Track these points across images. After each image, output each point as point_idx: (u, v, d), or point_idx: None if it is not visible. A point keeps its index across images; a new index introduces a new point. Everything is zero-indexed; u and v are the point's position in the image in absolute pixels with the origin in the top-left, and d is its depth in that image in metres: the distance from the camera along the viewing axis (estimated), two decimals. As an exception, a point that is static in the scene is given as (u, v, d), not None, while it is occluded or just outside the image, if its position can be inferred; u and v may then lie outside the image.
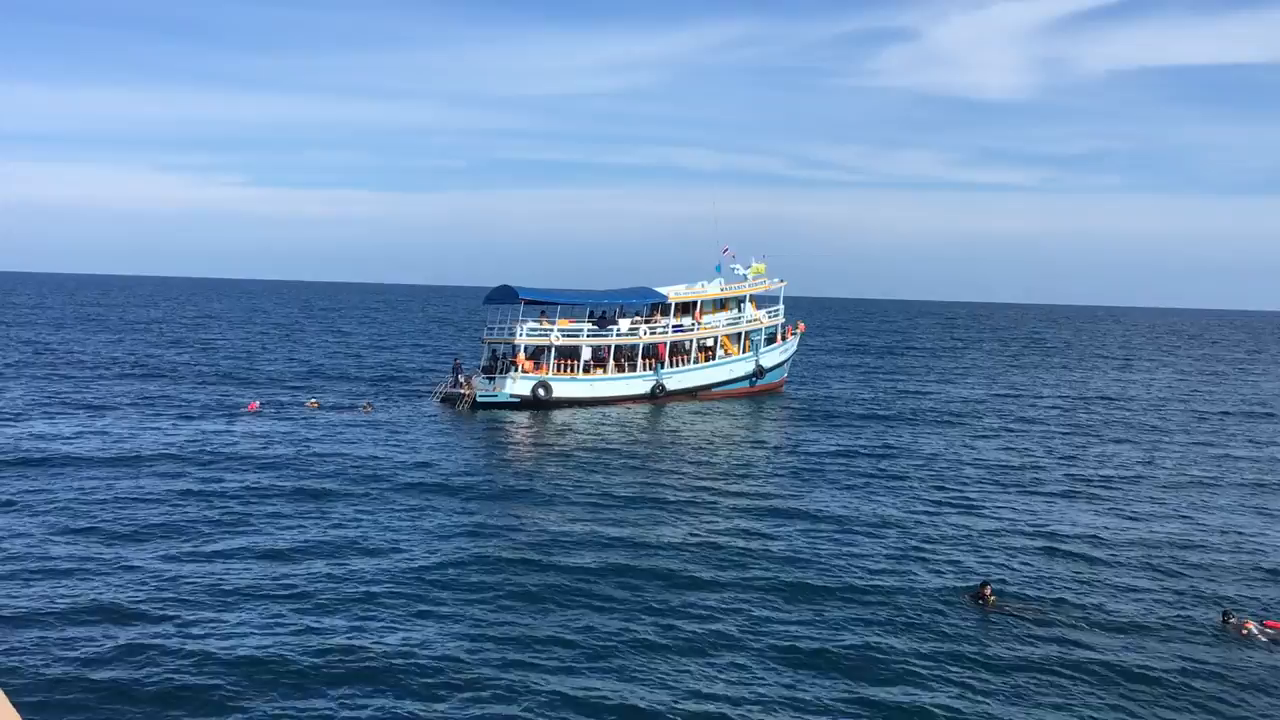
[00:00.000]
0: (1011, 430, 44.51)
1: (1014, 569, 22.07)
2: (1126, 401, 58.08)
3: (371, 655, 15.77)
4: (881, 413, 49.44)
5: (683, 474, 32.00)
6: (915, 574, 21.32)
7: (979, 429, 44.72)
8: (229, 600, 18.28)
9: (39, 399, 44.83)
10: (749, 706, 14.52)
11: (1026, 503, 29.17)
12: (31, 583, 19.03)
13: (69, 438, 34.94)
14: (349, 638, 16.52)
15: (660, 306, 52.97)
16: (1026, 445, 40.11)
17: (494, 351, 50.26)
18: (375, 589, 19.09)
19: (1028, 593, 20.33)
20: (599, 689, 14.89)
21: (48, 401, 44.15)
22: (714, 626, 17.54)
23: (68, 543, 21.75)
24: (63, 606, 17.69)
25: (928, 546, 23.60)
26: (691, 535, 23.93)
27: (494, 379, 48.23)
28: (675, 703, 14.50)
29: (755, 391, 54.91)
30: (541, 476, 30.89)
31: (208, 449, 33.50)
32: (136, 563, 20.45)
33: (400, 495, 27.55)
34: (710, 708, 14.35)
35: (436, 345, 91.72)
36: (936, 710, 14.61)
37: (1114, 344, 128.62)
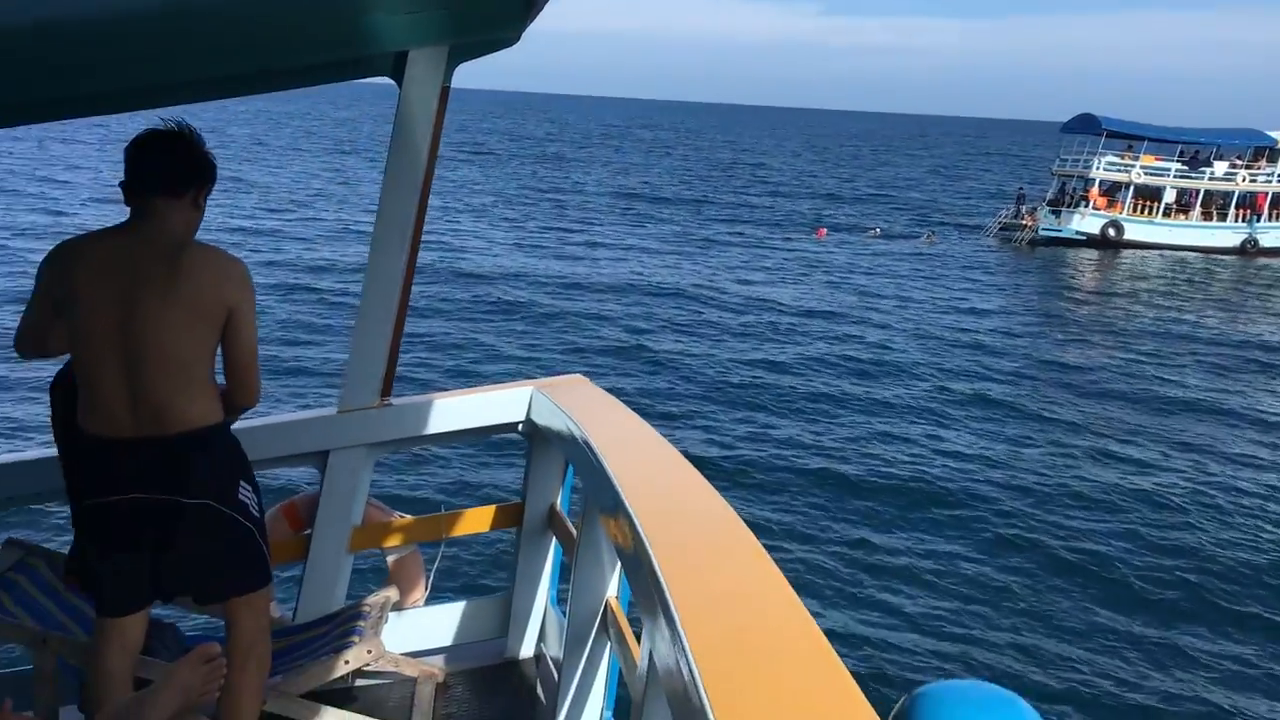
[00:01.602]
0: None
1: None
2: None
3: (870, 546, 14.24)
4: None
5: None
6: None
7: None
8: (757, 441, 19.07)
9: (627, 229, 49.99)
10: None
11: None
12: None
13: (609, 259, 38.77)
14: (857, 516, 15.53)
15: (1266, 151, 46.67)
16: None
17: (1063, 185, 47.87)
18: (898, 448, 18.78)
19: None
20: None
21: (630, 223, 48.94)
22: None
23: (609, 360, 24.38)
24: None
25: None
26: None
27: (1059, 213, 46.19)
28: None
29: (1377, 258, 46.81)
30: (1099, 344, 27.54)
31: (770, 277, 34.55)
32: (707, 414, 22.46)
33: (941, 349, 25.62)
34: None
35: (995, 179, 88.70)
36: None
37: None
